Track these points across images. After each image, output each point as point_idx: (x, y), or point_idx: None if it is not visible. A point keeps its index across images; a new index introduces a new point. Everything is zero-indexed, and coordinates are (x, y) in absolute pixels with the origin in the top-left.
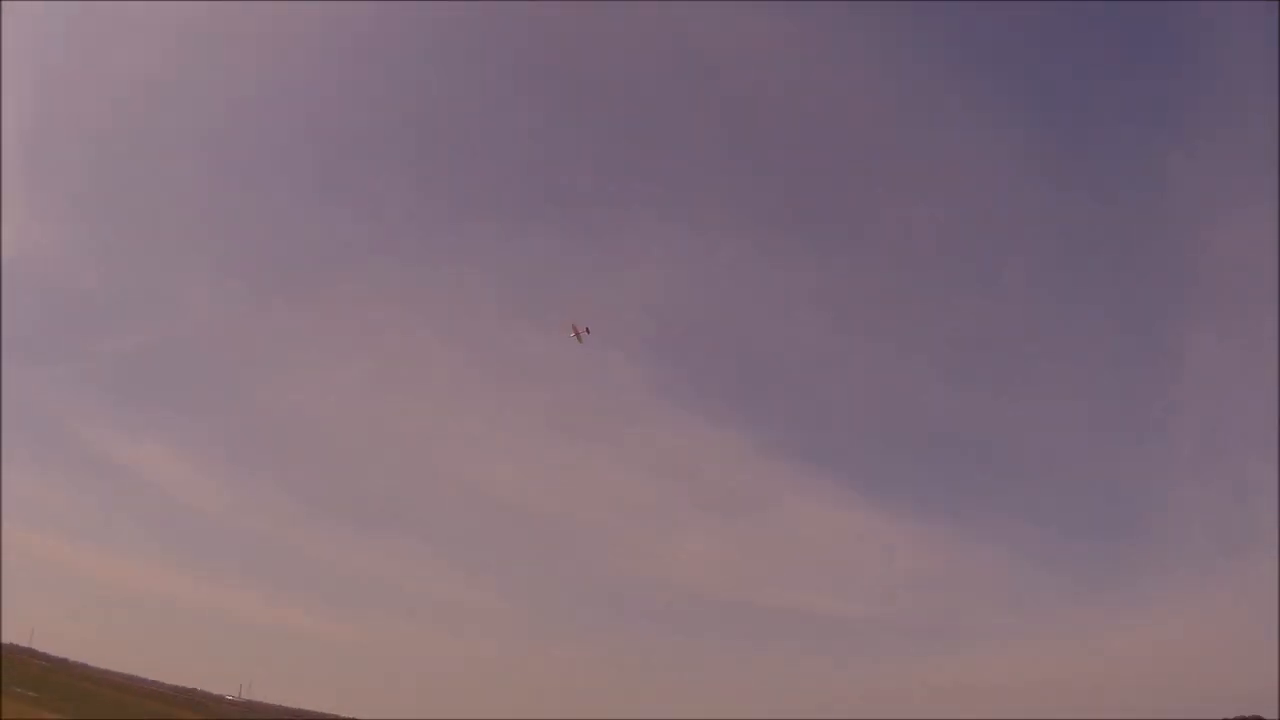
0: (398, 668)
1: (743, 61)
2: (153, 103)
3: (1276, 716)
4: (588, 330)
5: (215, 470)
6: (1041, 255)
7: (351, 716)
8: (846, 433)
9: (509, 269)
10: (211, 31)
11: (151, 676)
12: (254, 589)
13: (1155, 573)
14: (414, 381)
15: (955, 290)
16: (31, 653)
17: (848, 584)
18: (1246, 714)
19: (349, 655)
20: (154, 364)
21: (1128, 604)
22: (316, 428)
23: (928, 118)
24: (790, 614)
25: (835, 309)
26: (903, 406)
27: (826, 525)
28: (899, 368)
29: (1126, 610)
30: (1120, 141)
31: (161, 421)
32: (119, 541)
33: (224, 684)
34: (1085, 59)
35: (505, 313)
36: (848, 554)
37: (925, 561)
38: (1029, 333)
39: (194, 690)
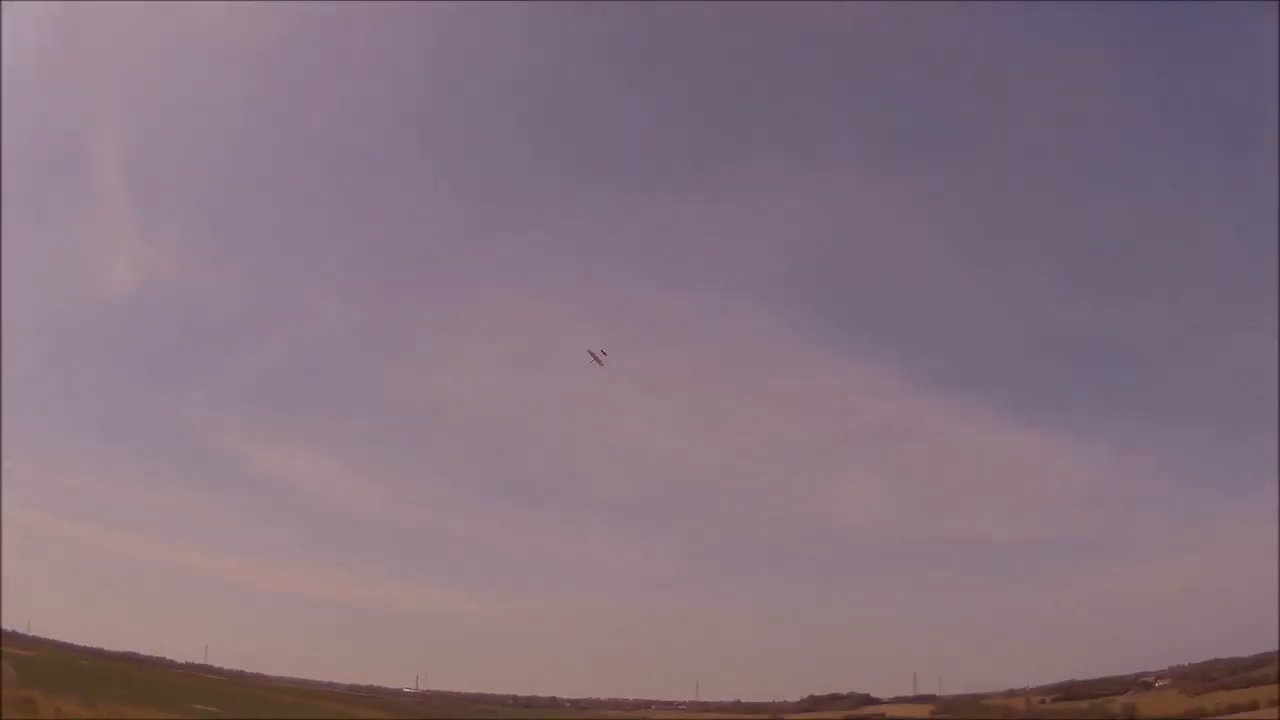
0: (573, 641)
1: None
2: (252, 114)
3: None
4: (604, 353)
5: (366, 468)
6: (1178, 152)
7: (531, 694)
8: (992, 354)
9: (637, 232)
10: (309, 35)
11: (327, 679)
12: (418, 580)
13: None
14: (554, 354)
15: (1086, 196)
16: (207, 669)
17: (1010, 507)
18: None
19: (521, 634)
20: (293, 373)
21: None
22: (463, 412)
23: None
24: (956, 543)
25: (967, 229)
26: (1045, 321)
27: (982, 450)
28: (1037, 282)
29: None
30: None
31: (307, 428)
32: (280, 551)
33: (400, 677)
34: None
35: (639, 277)
36: (1006, 476)
37: (1084, 476)
38: (1171, 233)
39: (371, 687)
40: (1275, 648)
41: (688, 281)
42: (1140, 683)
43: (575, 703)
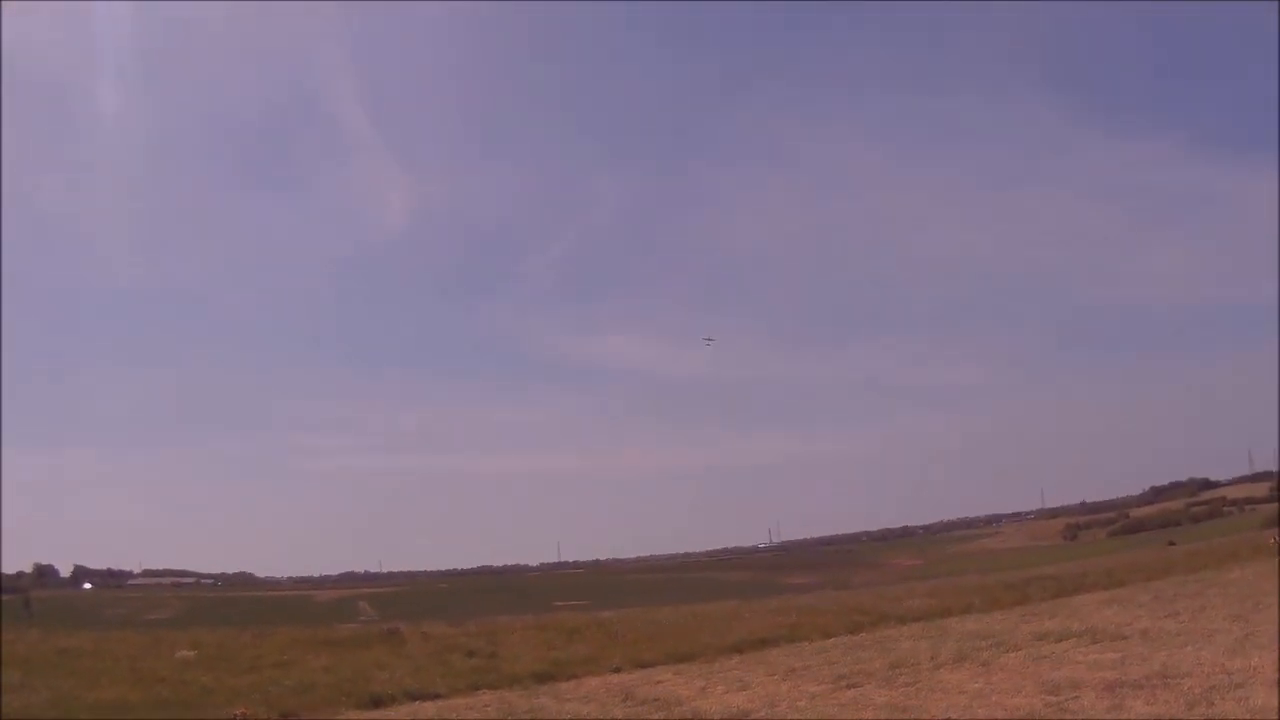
0: (913, 466)
1: None
2: (473, 24)
3: None
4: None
5: (679, 336)
6: None
7: (883, 528)
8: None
9: (896, 41)
10: None
11: (683, 550)
12: (754, 432)
13: None
14: (835, 180)
15: None
16: (562, 565)
17: None
18: None
19: (859, 467)
20: (586, 263)
21: None
22: (764, 256)
23: None
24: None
25: None
26: None
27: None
28: None
29: None
30: None
31: (613, 312)
32: (614, 436)
33: (756, 534)
34: None
35: (907, 88)
36: None
37: None
38: None
39: (727, 550)
40: None
41: (956, 88)
42: None
43: (927, 528)
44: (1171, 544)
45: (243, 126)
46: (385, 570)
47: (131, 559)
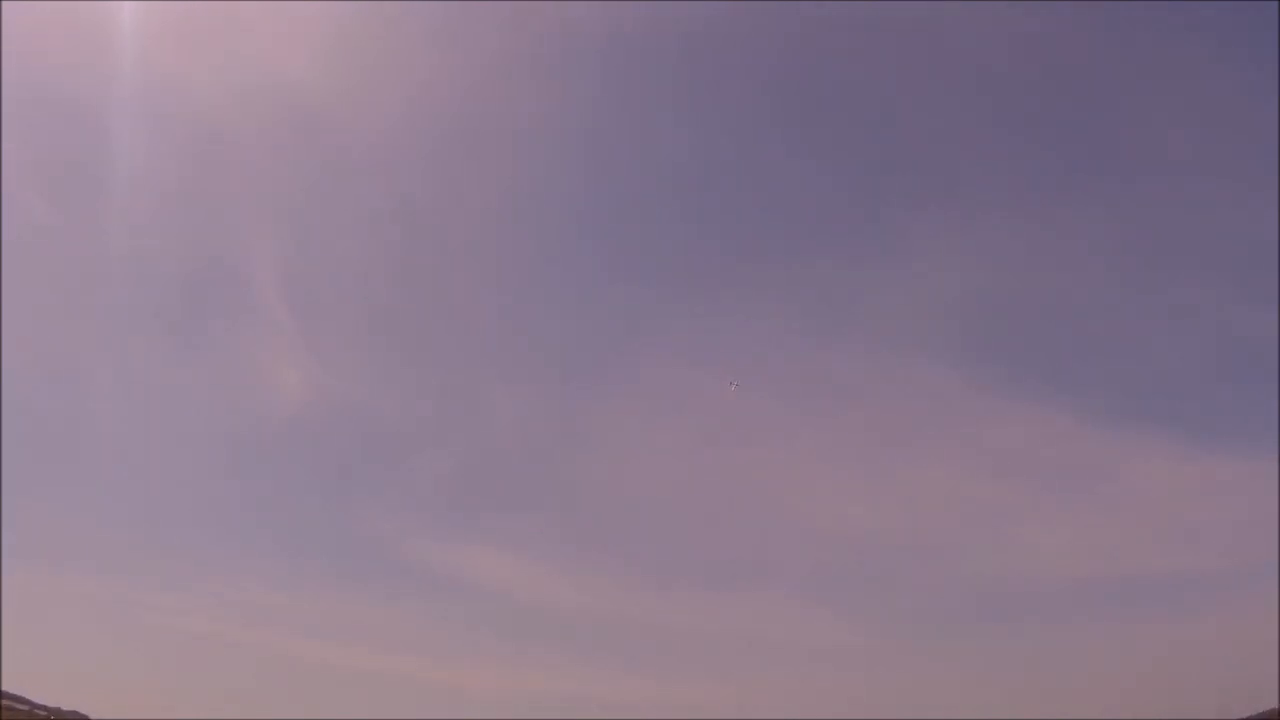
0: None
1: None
2: (405, 221)
3: None
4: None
5: (549, 562)
6: None
7: None
8: (1170, 383)
9: (796, 298)
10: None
11: None
12: (607, 669)
13: None
14: (729, 430)
15: (1246, 204)
16: None
17: (1201, 536)
18: None
19: (721, 715)
20: (471, 474)
21: None
22: (649, 499)
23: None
24: (1150, 581)
25: (1126, 258)
26: (1221, 341)
27: (1171, 485)
28: (1210, 300)
29: None
30: None
31: (490, 528)
32: (474, 653)
33: None
34: None
35: (805, 344)
36: (1200, 508)
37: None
38: None
39: None
40: None
41: (856, 343)
42: None
43: None
44: None
45: (157, 273)
46: None
47: None
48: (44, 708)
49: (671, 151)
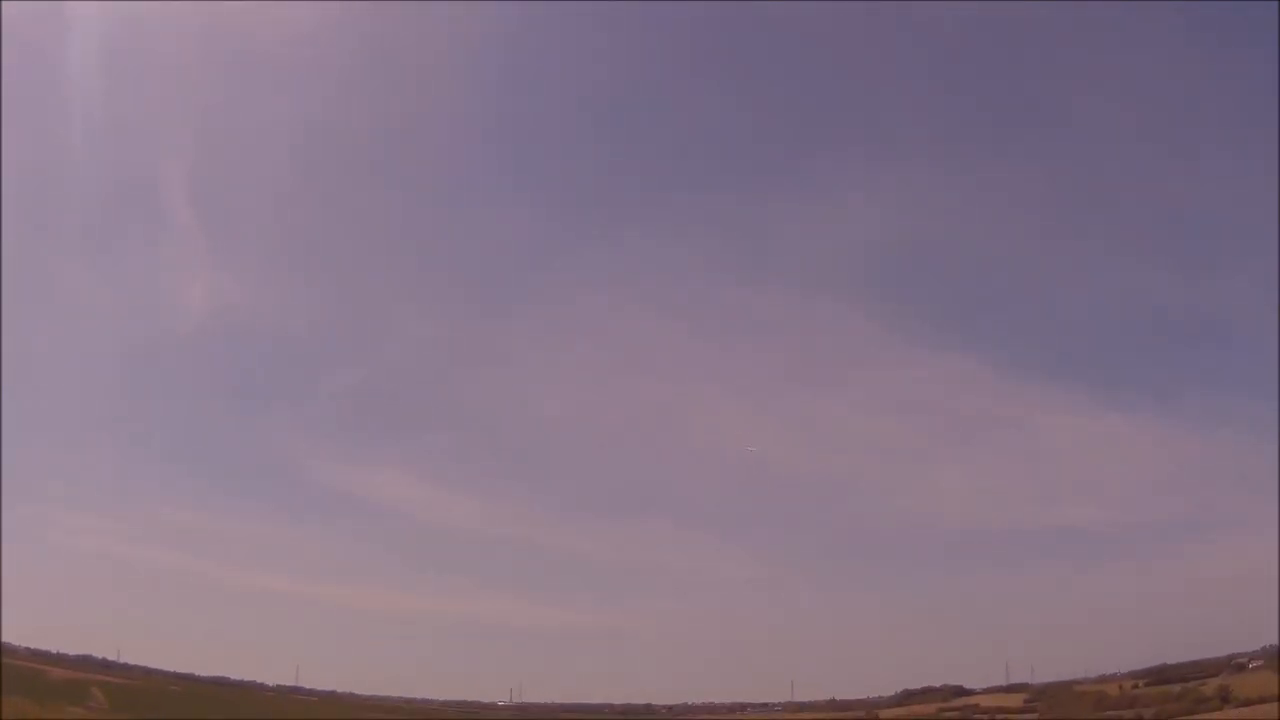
0: (668, 648)
1: None
2: (320, 134)
3: None
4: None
5: (456, 485)
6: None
7: (626, 703)
8: (1078, 339)
9: (715, 234)
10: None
11: (422, 696)
12: (511, 594)
13: None
14: (639, 359)
15: (1157, 173)
16: (298, 690)
17: (1098, 491)
18: None
19: (616, 644)
20: (379, 394)
21: None
22: (552, 424)
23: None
24: (1045, 531)
25: (1042, 215)
26: (1129, 303)
27: (1070, 435)
28: (1120, 265)
29: None
30: None
31: (396, 449)
32: (370, 572)
33: (496, 692)
34: None
35: (720, 279)
36: (1094, 461)
37: (1171, 457)
38: (1243, 205)
39: (465, 702)
40: None
41: (771, 281)
42: (1234, 664)
43: (671, 709)
44: None
45: (72, 190)
46: (122, 661)
47: None
48: None
49: (591, 78)
